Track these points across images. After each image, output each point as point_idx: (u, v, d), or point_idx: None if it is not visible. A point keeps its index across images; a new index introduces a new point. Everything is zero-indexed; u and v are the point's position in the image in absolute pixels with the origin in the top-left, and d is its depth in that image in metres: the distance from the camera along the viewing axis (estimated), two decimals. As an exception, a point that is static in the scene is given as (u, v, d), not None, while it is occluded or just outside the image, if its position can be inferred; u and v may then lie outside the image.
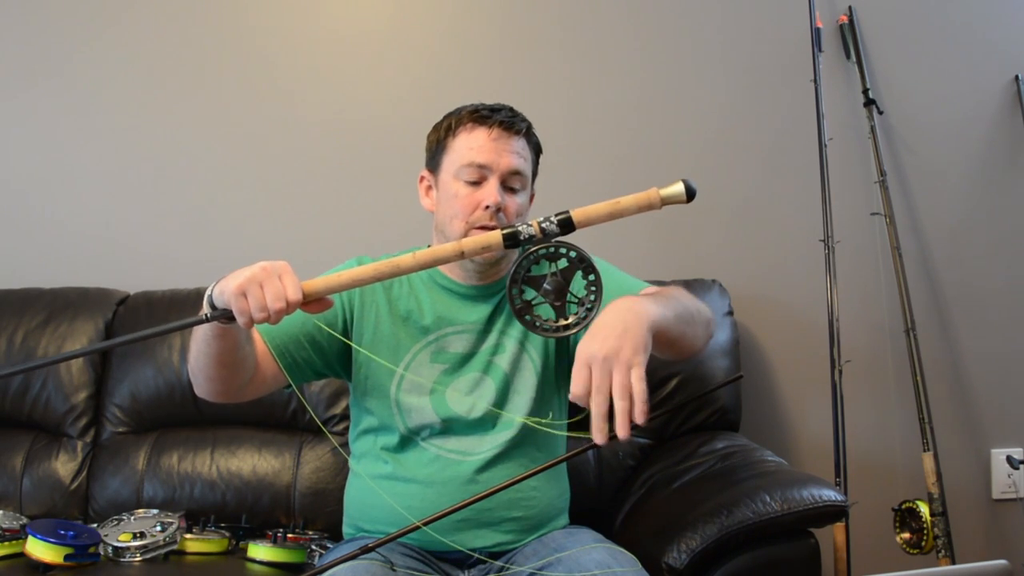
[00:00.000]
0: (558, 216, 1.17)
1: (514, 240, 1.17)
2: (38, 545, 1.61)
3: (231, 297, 1.16)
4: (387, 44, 2.29)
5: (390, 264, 1.18)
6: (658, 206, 1.17)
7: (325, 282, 1.18)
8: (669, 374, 1.98)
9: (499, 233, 1.18)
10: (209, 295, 1.21)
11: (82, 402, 2.01)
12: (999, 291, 2.33)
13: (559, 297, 1.19)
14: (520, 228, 1.17)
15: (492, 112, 1.48)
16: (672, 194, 1.16)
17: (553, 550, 1.41)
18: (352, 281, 1.18)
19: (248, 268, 1.17)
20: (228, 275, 1.18)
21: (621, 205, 1.16)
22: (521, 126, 1.49)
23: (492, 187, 1.45)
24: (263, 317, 1.15)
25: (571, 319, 1.20)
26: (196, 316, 1.20)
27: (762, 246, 2.30)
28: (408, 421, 1.49)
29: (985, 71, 2.33)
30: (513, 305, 1.19)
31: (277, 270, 1.17)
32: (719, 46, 2.31)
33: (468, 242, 1.18)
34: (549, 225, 1.17)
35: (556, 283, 1.19)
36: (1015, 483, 2.32)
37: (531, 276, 1.19)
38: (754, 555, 1.49)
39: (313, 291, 1.18)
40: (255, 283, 1.15)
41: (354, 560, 1.27)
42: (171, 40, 2.27)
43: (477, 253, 1.19)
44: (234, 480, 1.93)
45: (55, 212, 2.26)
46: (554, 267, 1.20)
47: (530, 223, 1.17)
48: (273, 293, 1.15)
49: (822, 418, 2.16)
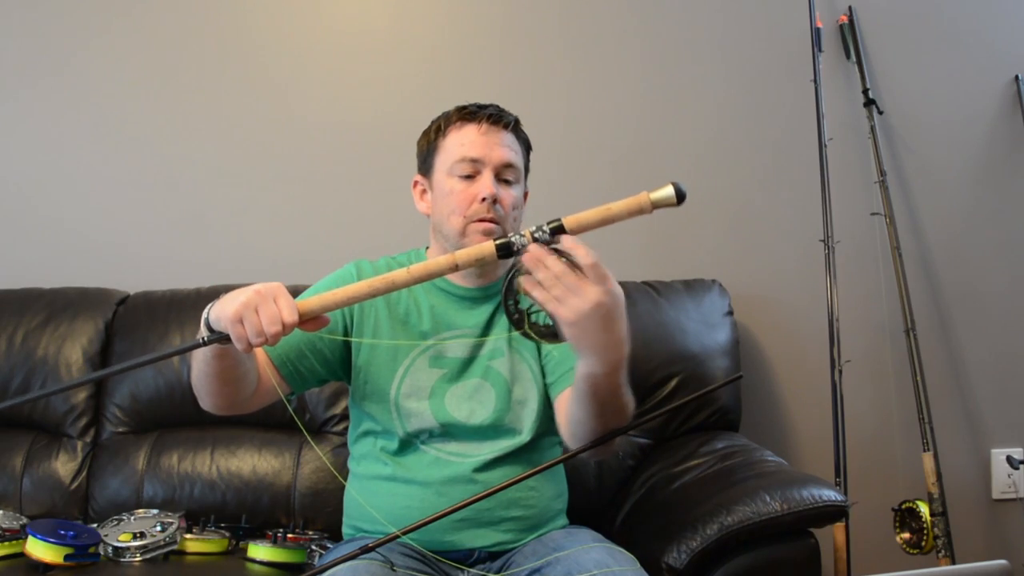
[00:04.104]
0: (550, 224, 1.16)
1: (507, 250, 1.17)
2: (38, 545, 1.60)
3: (228, 324, 1.16)
4: (387, 45, 2.29)
5: (384, 280, 1.17)
6: (649, 210, 1.16)
7: (320, 301, 1.18)
8: (669, 374, 1.98)
9: (492, 244, 1.17)
10: (206, 318, 1.21)
11: (82, 402, 2.00)
12: (999, 291, 2.33)
13: None
14: (513, 238, 1.16)
15: (479, 108, 1.50)
16: (662, 198, 1.15)
17: (552, 550, 1.41)
18: (347, 299, 1.18)
19: (243, 292, 1.16)
20: (224, 297, 1.18)
21: (612, 211, 1.16)
22: (509, 120, 1.51)
23: (487, 179, 1.46)
24: (260, 342, 1.15)
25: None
26: (194, 340, 1.21)
27: (762, 246, 2.30)
28: (407, 425, 1.48)
29: (985, 71, 2.33)
30: (509, 315, 1.19)
31: (272, 293, 1.16)
32: (719, 46, 2.31)
33: (462, 254, 1.17)
34: (541, 234, 1.16)
35: None
36: (1015, 483, 2.32)
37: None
38: (754, 555, 1.49)
39: (308, 311, 1.17)
40: (250, 308, 1.15)
41: (354, 560, 1.27)
42: (171, 41, 2.27)
43: (471, 265, 1.18)
44: (234, 480, 1.93)
45: (55, 212, 2.26)
46: None
47: (522, 233, 1.16)
48: (269, 317, 1.14)
49: (822, 418, 2.16)
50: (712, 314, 2.07)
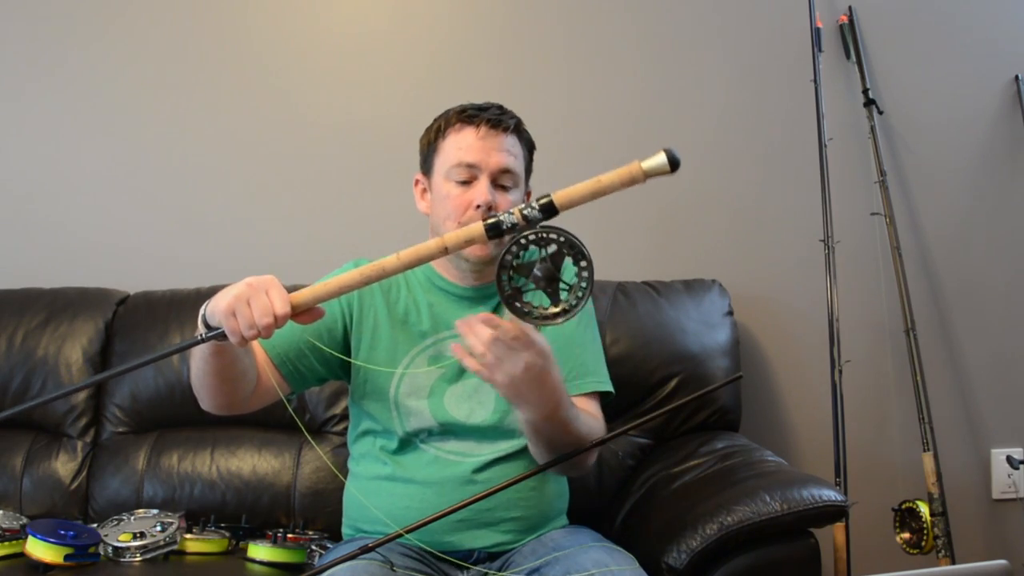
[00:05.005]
0: (539, 201, 1.13)
1: (497, 230, 1.14)
2: (38, 545, 1.61)
3: (221, 318, 1.16)
4: (387, 45, 2.29)
5: (375, 267, 1.16)
6: (641, 180, 1.11)
7: (312, 292, 1.17)
8: (669, 374, 1.98)
9: (480, 224, 1.14)
10: (203, 315, 1.21)
11: (82, 402, 2.01)
12: (999, 291, 2.33)
13: (550, 284, 1.17)
14: (502, 217, 1.14)
15: (479, 111, 1.48)
16: (655, 166, 1.10)
17: (551, 549, 1.41)
18: (339, 288, 1.17)
19: (235, 286, 1.17)
20: (219, 293, 1.19)
21: (603, 183, 1.11)
22: (509, 123, 1.49)
23: (482, 186, 1.45)
24: (253, 334, 1.15)
25: (561, 306, 1.17)
26: (192, 338, 1.20)
27: (762, 246, 2.29)
28: (407, 424, 1.48)
29: (985, 71, 2.33)
30: (502, 292, 1.16)
31: (264, 285, 1.16)
32: (719, 46, 2.31)
33: (450, 237, 1.15)
34: (531, 211, 1.13)
35: (546, 269, 1.16)
36: (1015, 483, 2.32)
37: (521, 263, 1.16)
38: (754, 555, 1.48)
39: (301, 303, 1.17)
40: (242, 301, 1.15)
41: (354, 560, 1.27)
42: (171, 40, 2.27)
43: (461, 247, 1.16)
44: (234, 480, 1.93)
45: (55, 212, 2.26)
46: (544, 253, 1.16)
47: (511, 211, 1.14)
48: (260, 309, 1.14)
49: (822, 418, 2.16)
50: (712, 314, 2.07)
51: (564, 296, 1.17)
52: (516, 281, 1.17)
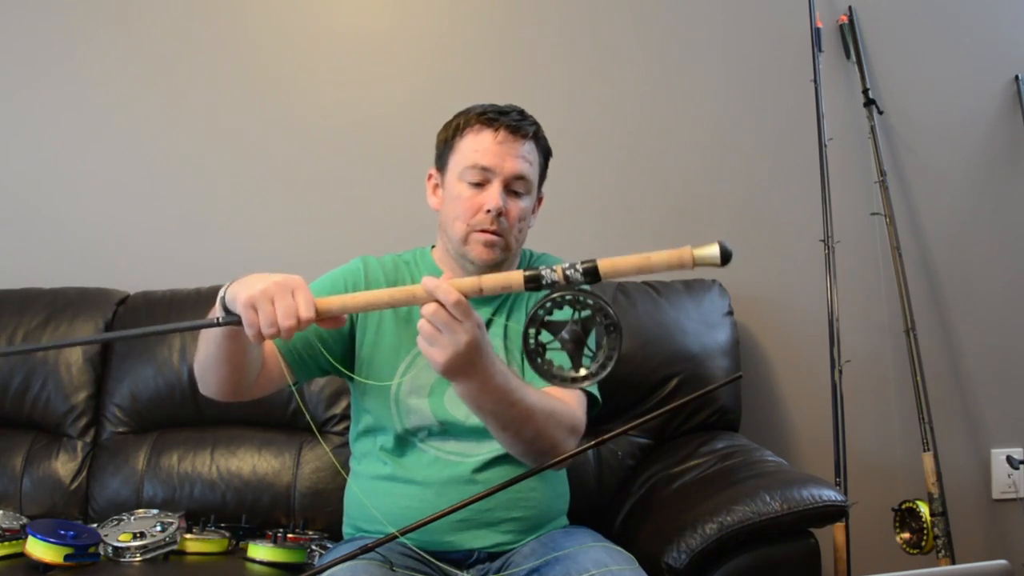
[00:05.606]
0: (584, 264, 1.13)
1: (536, 283, 1.14)
2: (38, 545, 1.60)
3: (242, 308, 1.15)
4: (387, 45, 2.29)
5: (406, 293, 1.18)
6: (690, 265, 1.14)
7: (341, 302, 1.17)
8: (669, 374, 1.97)
9: (521, 274, 1.14)
10: (222, 296, 1.20)
11: (82, 402, 2.00)
12: (999, 291, 2.33)
13: (576, 347, 1.15)
14: (543, 272, 1.14)
15: (500, 115, 1.48)
16: (705, 256, 1.14)
17: (551, 549, 1.41)
18: (367, 304, 1.20)
19: (262, 278, 1.15)
20: (243, 279, 1.17)
21: (652, 261, 1.15)
22: (528, 130, 1.49)
23: (495, 191, 1.45)
24: (272, 333, 1.14)
25: (583, 372, 1.15)
26: (208, 318, 1.19)
27: (762, 246, 2.29)
28: (406, 421, 1.49)
29: (985, 71, 2.33)
30: (526, 344, 1.15)
31: (291, 285, 1.15)
32: (719, 46, 2.31)
33: (488, 280, 1.17)
34: (573, 273, 1.13)
35: (575, 332, 1.15)
36: (1015, 483, 2.32)
37: (551, 320, 1.15)
38: (754, 555, 1.49)
39: (327, 310, 1.17)
40: (267, 298, 1.14)
41: (354, 560, 1.27)
42: (171, 40, 2.27)
43: (496, 292, 1.18)
44: (234, 480, 1.93)
45: (55, 212, 2.26)
46: (577, 315, 1.15)
47: (554, 268, 1.14)
48: (284, 310, 1.14)
49: (822, 418, 2.15)
50: (712, 314, 2.07)
51: (587, 363, 1.16)
52: (543, 337, 1.16)
